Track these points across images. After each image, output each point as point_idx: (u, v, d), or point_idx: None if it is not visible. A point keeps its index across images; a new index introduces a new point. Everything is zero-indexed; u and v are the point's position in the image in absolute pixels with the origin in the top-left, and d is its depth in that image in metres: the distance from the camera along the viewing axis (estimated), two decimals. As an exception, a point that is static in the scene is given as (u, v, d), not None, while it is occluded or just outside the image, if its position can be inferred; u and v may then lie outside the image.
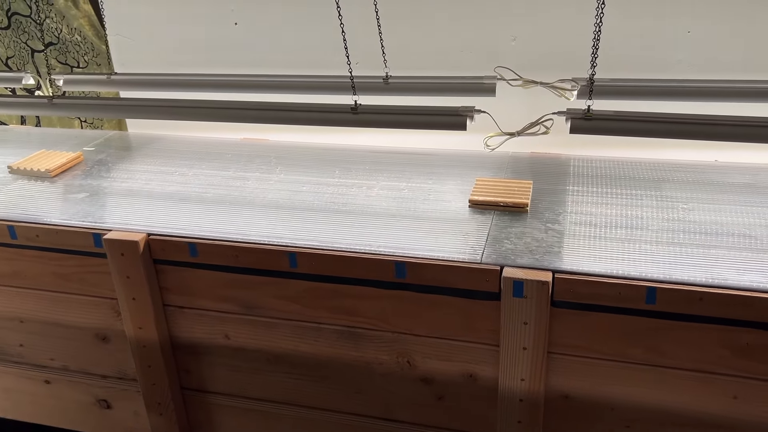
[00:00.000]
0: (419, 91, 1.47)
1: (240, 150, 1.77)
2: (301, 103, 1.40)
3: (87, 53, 2.00)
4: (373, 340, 1.31)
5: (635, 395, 1.20)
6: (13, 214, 1.44)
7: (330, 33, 1.77)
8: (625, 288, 1.10)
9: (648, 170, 1.53)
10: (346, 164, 1.64)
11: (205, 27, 1.84)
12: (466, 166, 1.60)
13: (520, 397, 1.23)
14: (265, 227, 1.34)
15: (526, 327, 1.16)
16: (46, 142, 1.87)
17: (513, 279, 1.13)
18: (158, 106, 1.49)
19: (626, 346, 1.16)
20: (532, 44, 1.65)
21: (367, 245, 1.25)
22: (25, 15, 2.00)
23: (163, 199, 1.49)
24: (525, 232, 1.27)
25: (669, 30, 1.55)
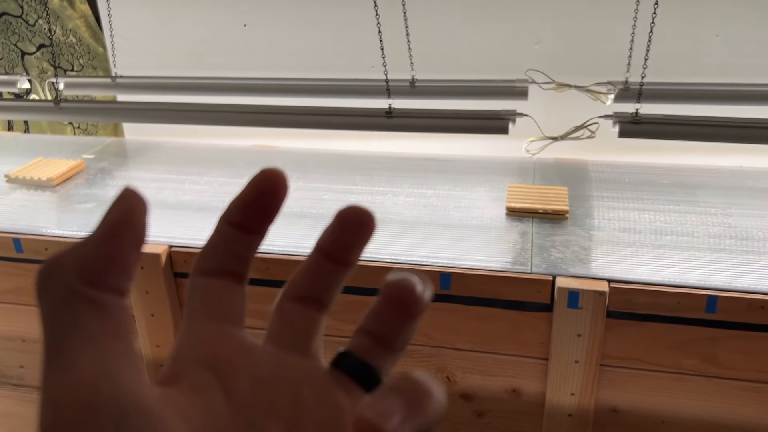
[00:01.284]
0: (447, 94, 1.42)
1: (251, 157, 1.69)
2: (331, 107, 1.33)
3: (82, 56, 1.90)
4: (411, 355, 1.25)
5: (688, 407, 1.16)
6: (18, 226, 1.34)
7: (344, 36, 1.72)
8: (685, 297, 1.06)
9: (678, 176, 1.51)
10: (365, 171, 1.58)
11: (212, 29, 1.76)
12: (490, 173, 1.55)
13: (569, 412, 1.18)
14: (294, 238, 1.27)
15: (580, 339, 1.11)
16: (39, 149, 1.77)
17: (568, 289, 1.08)
18: (173, 110, 1.41)
19: (680, 356, 1.12)
20: (556, 48, 1.61)
21: (407, 255, 1.19)
22: (16, 15, 1.89)
23: (179, 209, 1.40)
24: (570, 240, 1.22)
25: (696, 33, 1.54)
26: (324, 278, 0.27)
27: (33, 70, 1.97)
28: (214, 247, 0.26)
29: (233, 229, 0.26)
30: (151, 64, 1.79)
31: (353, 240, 0.27)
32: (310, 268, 0.27)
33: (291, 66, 1.74)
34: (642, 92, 1.16)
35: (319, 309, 0.28)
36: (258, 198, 0.26)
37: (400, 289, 0.26)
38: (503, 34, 1.63)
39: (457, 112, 1.26)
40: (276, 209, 0.26)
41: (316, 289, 0.27)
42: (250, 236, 0.26)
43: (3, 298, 1.39)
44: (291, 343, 0.27)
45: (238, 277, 0.27)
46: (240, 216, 0.26)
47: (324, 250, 0.27)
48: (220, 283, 0.26)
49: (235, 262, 0.26)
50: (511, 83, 1.40)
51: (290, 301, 0.27)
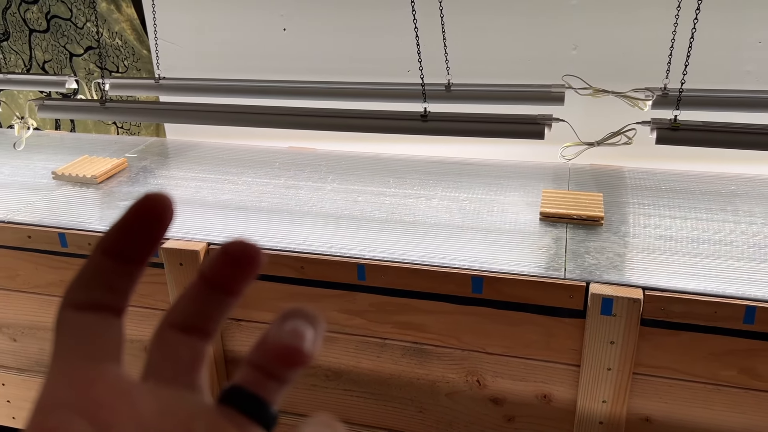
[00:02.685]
0: (483, 99, 1.42)
1: (288, 158, 1.72)
2: (367, 110, 1.35)
3: (127, 58, 1.96)
4: (441, 358, 1.26)
5: (724, 420, 1.14)
6: (63, 221, 1.39)
7: (381, 40, 1.73)
8: (722, 307, 1.05)
9: (716, 184, 1.48)
10: (399, 174, 1.59)
11: (252, 33, 1.80)
12: (524, 177, 1.55)
13: (600, 419, 1.17)
14: (328, 238, 1.29)
15: (613, 346, 1.10)
16: (84, 147, 1.83)
17: (601, 296, 1.07)
18: (213, 112, 1.44)
19: (717, 367, 1.10)
20: (593, 53, 1.60)
21: (439, 258, 1.20)
22: (65, 18, 1.96)
23: (218, 208, 1.44)
24: (604, 247, 1.21)
25: (738, 40, 1.51)
26: (209, 307, 0.25)
27: (80, 71, 2.03)
28: (87, 278, 0.24)
29: (108, 259, 0.24)
30: (192, 66, 1.84)
31: (239, 272, 0.25)
32: (194, 296, 0.25)
33: (329, 69, 1.76)
34: (681, 98, 1.15)
35: (203, 338, 0.25)
36: (138, 224, 0.24)
37: (290, 343, 0.24)
38: (540, 39, 1.63)
39: (492, 116, 1.27)
40: (157, 237, 0.24)
41: (200, 318, 0.25)
42: (128, 266, 0.24)
43: (48, 290, 1.44)
44: (175, 376, 0.25)
45: (115, 311, 0.24)
46: (117, 244, 0.24)
47: (209, 279, 0.25)
48: (93, 318, 0.24)
49: (110, 294, 0.24)
50: (547, 88, 1.40)
51: (173, 330, 0.25)
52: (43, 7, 1.97)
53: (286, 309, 0.25)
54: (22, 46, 2.05)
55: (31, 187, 1.56)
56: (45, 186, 1.57)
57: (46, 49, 2.03)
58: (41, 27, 2.01)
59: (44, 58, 2.05)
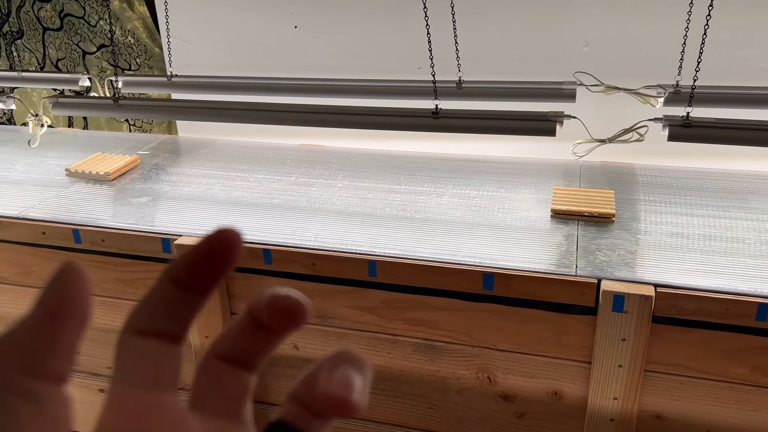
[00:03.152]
0: (494, 96, 1.42)
1: (299, 156, 1.73)
2: (378, 108, 1.35)
3: (139, 55, 1.97)
4: (452, 354, 1.26)
5: (736, 418, 1.14)
6: (77, 217, 1.40)
7: (392, 37, 1.73)
8: (735, 304, 1.04)
9: (729, 181, 1.48)
10: (409, 171, 1.59)
11: (263, 31, 1.80)
12: (536, 175, 1.55)
13: (611, 416, 1.17)
14: (340, 234, 1.29)
15: (624, 343, 1.10)
16: (97, 144, 1.84)
17: (613, 293, 1.07)
18: (225, 109, 1.45)
19: (729, 365, 1.10)
20: (605, 50, 1.60)
21: (450, 255, 1.20)
22: (78, 16, 1.98)
23: (229, 205, 1.45)
24: (616, 244, 1.21)
25: (752, 37, 1.50)
26: (256, 345, 0.25)
27: (93, 69, 2.05)
28: (154, 305, 0.24)
29: (175, 288, 0.24)
30: (204, 64, 1.85)
31: (287, 323, 0.25)
32: (242, 331, 0.25)
33: (339, 67, 1.77)
34: (693, 95, 1.15)
35: (249, 371, 0.26)
36: (209, 260, 0.24)
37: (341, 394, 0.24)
38: (552, 36, 1.63)
39: (503, 113, 1.27)
40: (226, 272, 0.24)
41: (246, 354, 0.25)
42: (194, 297, 0.24)
43: (62, 286, 1.45)
44: (222, 407, 0.25)
45: (175, 339, 0.25)
46: (186, 276, 0.24)
47: (257, 320, 0.25)
48: (155, 345, 0.24)
49: (173, 322, 0.24)
50: (559, 85, 1.40)
51: (219, 361, 0.25)
52: (56, 5, 1.99)
53: (335, 352, 0.25)
54: (35, 44, 2.07)
55: (45, 184, 1.58)
56: (59, 183, 1.59)
57: (59, 47, 2.05)
58: (55, 25, 2.02)
59: (57, 56, 2.07)
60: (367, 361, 0.25)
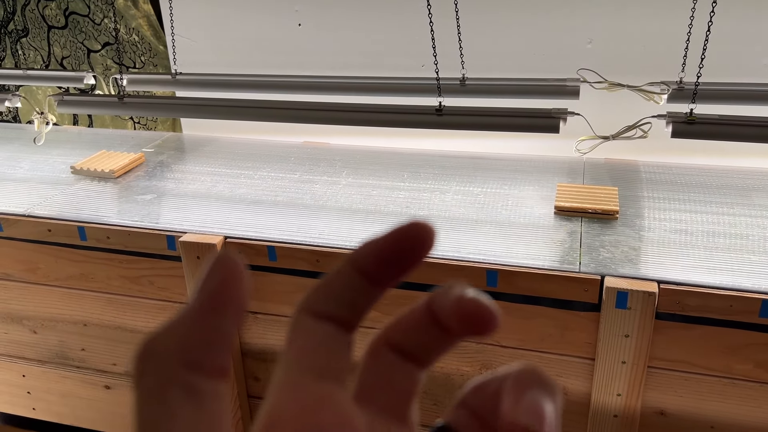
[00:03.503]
0: (498, 93, 1.43)
1: (302, 153, 1.73)
2: (382, 105, 1.36)
3: (144, 53, 1.98)
4: (455, 351, 1.26)
5: (740, 414, 1.14)
6: (82, 215, 1.41)
7: (396, 35, 1.74)
8: (738, 300, 1.04)
9: (732, 177, 1.48)
10: (413, 168, 1.59)
11: (267, 28, 1.81)
12: (539, 172, 1.55)
13: (614, 413, 1.18)
14: (344, 231, 1.30)
15: (628, 340, 1.10)
16: (102, 142, 1.85)
17: (616, 289, 1.07)
18: (229, 106, 1.46)
19: (733, 361, 1.10)
20: (608, 47, 1.60)
21: (454, 252, 1.21)
22: (83, 15, 1.98)
23: (234, 202, 1.45)
24: (619, 241, 1.21)
25: (755, 33, 1.50)
26: (432, 341, 0.24)
27: (98, 67, 2.06)
28: (334, 289, 0.23)
29: (358, 276, 0.23)
30: (208, 61, 1.85)
31: (471, 331, 0.22)
32: (418, 324, 0.24)
33: (343, 64, 1.77)
34: (697, 92, 1.15)
35: (421, 367, 0.24)
36: (399, 252, 0.23)
37: (529, 425, 0.21)
38: (555, 32, 1.63)
39: (507, 110, 1.27)
40: (412, 266, 0.23)
41: (420, 349, 0.24)
42: (375, 288, 0.23)
43: (67, 283, 1.46)
44: (389, 406, 0.23)
45: (349, 327, 0.23)
46: (373, 266, 0.23)
47: (436, 317, 0.23)
48: (329, 329, 0.23)
49: (351, 310, 0.23)
50: (562, 82, 1.40)
51: (391, 351, 0.24)
52: (61, 3, 1.99)
53: (522, 368, 0.22)
54: (40, 43, 2.08)
55: (51, 182, 1.59)
56: (64, 180, 1.60)
57: (64, 45, 2.06)
58: (59, 23, 2.03)
59: (62, 54, 2.08)
60: (557, 383, 0.22)
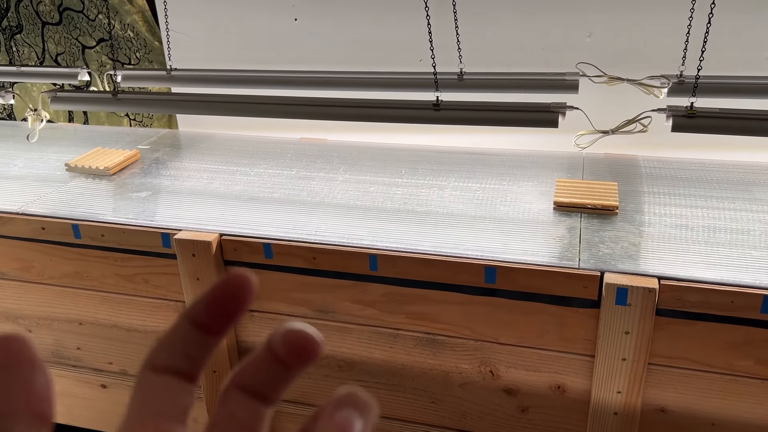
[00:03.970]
0: (496, 87, 1.41)
1: (299, 150, 1.72)
2: (379, 100, 1.34)
3: (139, 49, 1.96)
4: (454, 348, 1.25)
5: (741, 411, 1.13)
6: (77, 212, 1.40)
7: (393, 29, 1.72)
8: (739, 296, 1.03)
9: (733, 172, 1.46)
10: (411, 164, 1.58)
11: (263, 23, 1.79)
12: (538, 167, 1.54)
13: (615, 410, 1.17)
14: (341, 228, 1.29)
15: (628, 336, 1.09)
16: (97, 139, 1.83)
17: (616, 285, 1.06)
18: (225, 102, 1.44)
19: (734, 358, 1.09)
20: (608, 40, 1.58)
21: (452, 248, 1.19)
22: (77, 10, 1.97)
23: (230, 199, 1.44)
24: (619, 236, 1.20)
25: (756, 26, 1.48)
26: (274, 378, 0.26)
27: (93, 63, 2.04)
28: (170, 343, 0.26)
29: (192, 328, 0.26)
30: (204, 57, 1.84)
31: (299, 359, 0.26)
32: (262, 363, 0.26)
33: (340, 59, 1.75)
34: (697, 85, 1.13)
35: (267, 404, 0.26)
36: (224, 300, 0.25)
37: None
38: (554, 26, 1.61)
39: (505, 104, 1.25)
40: (240, 313, 0.26)
41: (265, 386, 0.26)
42: (209, 337, 0.26)
43: (62, 281, 1.45)
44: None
45: (190, 378, 0.26)
46: (203, 317, 0.26)
47: (275, 354, 0.26)
48: (168, 380, 0.25)
49: (189, 361, 0.26)
50: (561, 76, 1.38)
51: (238, 391, 0.26)
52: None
53: (343, 392, 0.25)
54: (35, 39, 2.06)
55: (45, 179, 1.57)
56: (58, 178, 1.58)
57: (58, 41, 2.04)
58: (54, 19, 2.01)
59: (57, 50, 2.06)
60: (373, 402, 0.25)
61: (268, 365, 0.26)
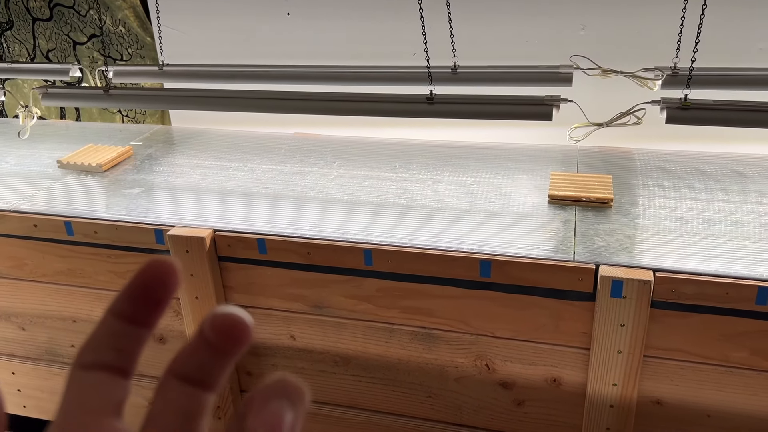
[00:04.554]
0: (490, 81, 1.40)
1: (293, 145, 1.71)
2: (372, 94, 1.33)
3: (131, 45, 1.94)
4: (449, 342, 1.25)
5: (736, 402, 1.13)
6: (69, 209, 1.39)
7: (386, 23, 1.71)
8: (734, 288, 1.03)
9: (727, 164, 1.46)
10: (405, 159, 1.57)
11: (255, 18, 1.78)
12: (533, 160, 1.54)
13: (610, 402, 1.17)
14: (335, 223, 1.28)
15: (623, 329, 1.09)
16: (89, 136, 1.82)
17: (611, 278, 1.06)
18: (218, 97, 1.43)
19: (729, 349, 1.09)
20: (602, 33, 1.58)
21: (447, 242, 1.19)
22: (68, 6, 1.95)
23: (223, 195, 1.43)
24: (614, 229, 1.20)
25: (750, 17, 1.48)
26: (209, 364, 0.25)
27: (84, 59, 2.02)
28: (97, 339, 0.25)
29: (119, 321, 0.25)
30: (196, 52, 1.82)
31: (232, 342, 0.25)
32: (196, 350, 0.25)
33: (333, 54, 1.75)
34: (691, 77, 1.13)
35: (207, 390, 0.26)
36: (146, 289, 0.25)
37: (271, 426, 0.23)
38: (548, 19, 1.60)
39: (499, 98, 1.25)
40: (166, 301, 0.25)
41: (202, 373, 0.25)
42: (137, 329, 0.25)
43: (55, 279, 1.44)
44: (176, 428, 0.25)
45: (123, 372, 0.25)
46: (127, 307, 0.25)
47: (207, 340, 0.25)
48: (99, 377, 0.25)
49: (119, 355, 0.25)
50: (555, 69, 1.38)
51: (175, 379, 0.25)
52: (45, -5, 1.96)
53: (272, 380, 0.24)
54: (25, 35, 2.05)
55: (37, 176, 1.56)
56: (50, 175, 1.57)
57: (49, 37, 2.02)
58: (44, 15, 2.00)
59: (48, 46, 2.04)
60: (304, 388, 0.24)
61: (201, 352, 0.25)
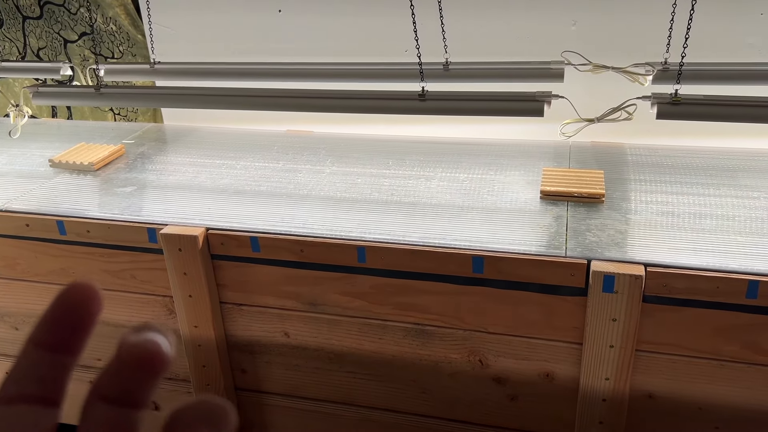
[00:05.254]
0: (482, 77, 1.40)
1: (286, 142, 1.71)
2: (364, 91, 1.33)
3: (122, 43, 1.94)
4: (443, 338, 1.25)
5: (727, 395, 1.14)
6: (62, 209, 1.38)
7: (378, 20, 1.71)
8: (725, 282, 1.04)
9: (718, 159, 1.47)
10: (398, 156, 1.58)
11: (247, 14, 1.77)
12: (524, 156, 1.54)
13: (603, 396, 1.17)
14: (328, 221, 1.28)
15: (615, 324, 1.10)
16: (81, 134, 1.82)
17: (603, 273, 1.06)
18: (209, 95, 1.43)
19: (720, 343, 1.10)
20: (592, 28, 1.58)
21: (440, 238, 1.19)
22: (59, 4, 1.94)
23: (216, 193, 1.43)
24: (606, 224, 1.20)
25: (740, 12, 1.49)
26: (133, 385, 0.25)
27: (75, 57, 2.01)
28: (18, 372, 0.24)
29: (40, 351, 0.24)
30: (188, 50, 1.82)
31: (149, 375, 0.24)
32: (118, 371, 0.25)
33: (325, 51, 1.74)
34: (682, 72, 1.13)
35: (135, 409, 0.25)
36: (67, 315, 0.24)
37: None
38: (539, 14, 1.61)
39: (491, 94, 1.25)
40: (88, 325, 0.24)
41: (126, 393, 0.25)
42: (61, 356, 0.24)
43: (48, 278, 1.43)
44: None
45: (48, 401, 0.24)
46: (47, 336, 0.24)
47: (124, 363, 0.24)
48: (24, 410, 0.24)
49: (42, 386, 0.24)
50: (546, 65, 1.38)
51: (100, 401, 0.25)
52: (35, -7, 1.95)
53: (193, 402, 0.24)
54: (16, 34, 2.03)
55: (28, 175, 1.56)
56: (42, 174, 1.57)
57: (40, 36, 2.01)
58: (35, 14, 1.98)
59: (39, 45, 2.03)
60: (227, 409, 0.24)
61: (122, 374, 0.24)
